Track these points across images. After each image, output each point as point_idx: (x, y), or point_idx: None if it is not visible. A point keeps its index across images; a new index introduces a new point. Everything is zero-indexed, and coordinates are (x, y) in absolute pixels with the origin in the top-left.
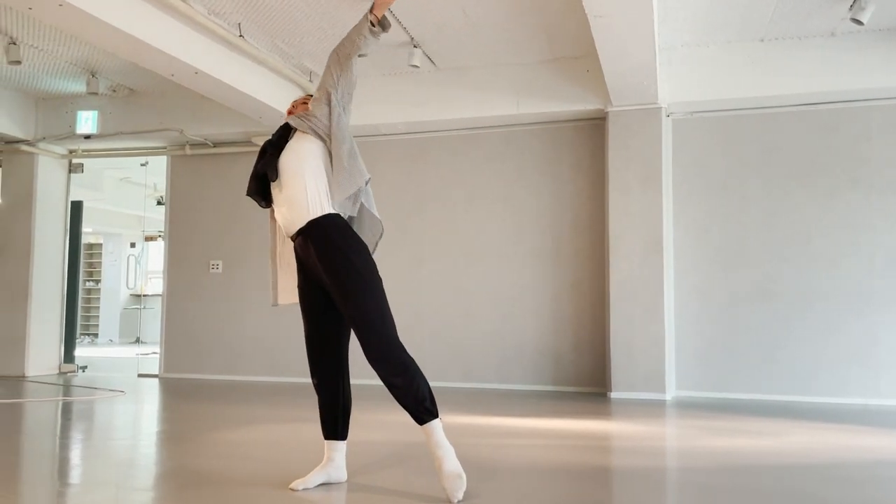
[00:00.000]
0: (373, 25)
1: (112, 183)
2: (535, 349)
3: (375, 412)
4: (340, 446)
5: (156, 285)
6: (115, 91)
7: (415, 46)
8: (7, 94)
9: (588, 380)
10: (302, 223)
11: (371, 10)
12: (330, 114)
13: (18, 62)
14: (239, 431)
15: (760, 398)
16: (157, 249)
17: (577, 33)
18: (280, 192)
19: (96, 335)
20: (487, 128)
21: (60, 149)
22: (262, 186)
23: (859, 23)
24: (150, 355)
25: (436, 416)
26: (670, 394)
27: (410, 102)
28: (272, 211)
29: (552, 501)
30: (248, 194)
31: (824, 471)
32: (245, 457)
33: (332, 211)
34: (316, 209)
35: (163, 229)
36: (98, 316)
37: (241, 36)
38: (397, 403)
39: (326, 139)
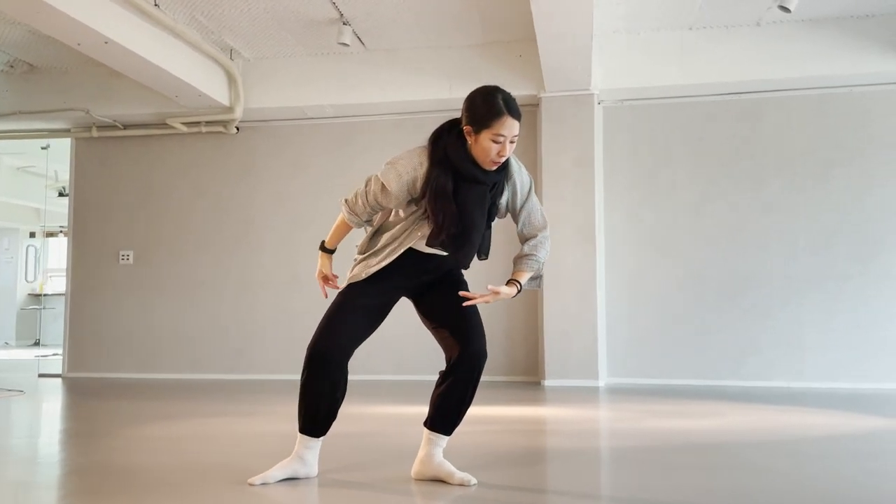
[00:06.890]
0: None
1: (8, 172)
2: None
3: None
4: (317, 444)
5: (56, 284)
6: (12, 67)
7: (344, 24)
8: None
9: (521, 369)
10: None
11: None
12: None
13: None
14: (165, 426)
15: (691, 383)
16: (59, 246)
17: (511, 17)
18: None
19: None
20: (419, 112)
21: None
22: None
23: (786, 10)
24: (50, 357)
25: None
26: (603, 381)
27: (339, 84)
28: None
29: (533, 482)
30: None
31: (774, 446)
32: (180, 451)
33: None
34: None
35: (65, 224)
36: None
37: (156, 5)
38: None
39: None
